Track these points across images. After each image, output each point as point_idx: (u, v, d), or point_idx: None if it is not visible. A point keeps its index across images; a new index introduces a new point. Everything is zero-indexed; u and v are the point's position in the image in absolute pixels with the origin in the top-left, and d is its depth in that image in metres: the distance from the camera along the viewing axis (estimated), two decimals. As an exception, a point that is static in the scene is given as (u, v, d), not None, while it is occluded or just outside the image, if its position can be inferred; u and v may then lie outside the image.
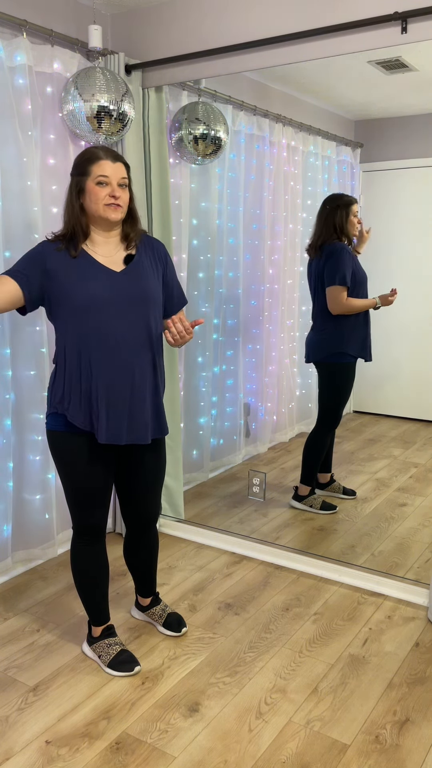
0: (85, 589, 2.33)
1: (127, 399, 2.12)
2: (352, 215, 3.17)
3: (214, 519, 3.43)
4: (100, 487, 2.22)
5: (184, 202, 3.49)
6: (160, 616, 2.56)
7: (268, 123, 3.51)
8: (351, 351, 3.24)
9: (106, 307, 2.07)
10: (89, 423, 2.12)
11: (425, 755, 1.95)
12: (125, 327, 2.09)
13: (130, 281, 2.12)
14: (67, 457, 2.17)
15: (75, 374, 2.11)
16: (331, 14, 2.58)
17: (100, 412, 2.10)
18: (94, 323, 2.07)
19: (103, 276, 2.10)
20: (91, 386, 2.10)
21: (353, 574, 2.89)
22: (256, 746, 1.99)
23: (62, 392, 2.12)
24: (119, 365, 2.10)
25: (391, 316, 3.50)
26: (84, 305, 2.06)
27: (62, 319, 2.10)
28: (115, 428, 2.12)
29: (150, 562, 2.50)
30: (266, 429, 3.94)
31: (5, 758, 1.95)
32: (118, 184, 2.09)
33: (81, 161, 2.11)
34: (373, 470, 3.73)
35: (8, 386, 2.83)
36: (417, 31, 2.42)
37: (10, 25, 2.73)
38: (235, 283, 3.76)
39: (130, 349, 2.11)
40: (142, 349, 2.13)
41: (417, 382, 3.56)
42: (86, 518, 2.25)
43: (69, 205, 2.14)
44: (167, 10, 2.98)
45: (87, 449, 2.17)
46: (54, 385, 2.15)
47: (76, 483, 2.19)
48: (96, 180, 2.07)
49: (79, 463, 2.17)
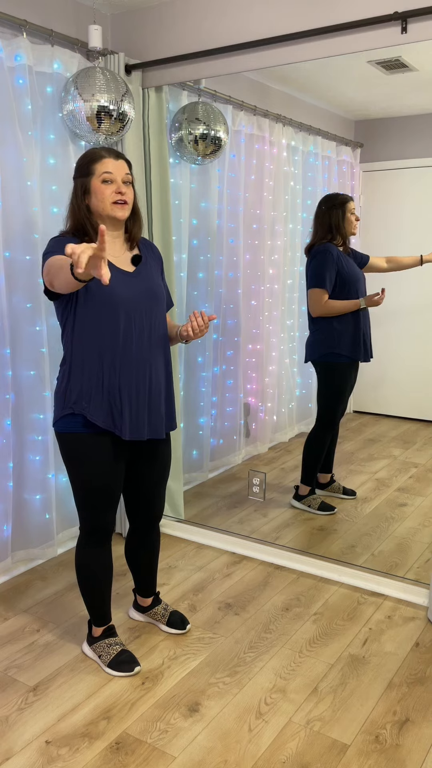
0: (91, 590, 2.33)
1: (146, 395, 2.16)
2: (349, 213, 3.17)
3: (214, 519, 3.43)
4: (115, 487, 2.22)
5: (184, 202, 3.48)
6: (163, 615, 2.57)
7: (268, 123, 3.51)
8: (343, 351, 3.23)
9: (126, 307, 2.09)
10: (111, 422, 2.12)
11: (425, 755, 1.95)
12: (142, 325, 2.13)
13: (142, 281, 2.16)
14: (84, 459, 2.15)
15: (95, 373, 2.10)
16: (331, 14, 2.58)
17: (123, 409, 2.11)
18: (115, 322, 2.08)
19: (119, 276, 2.12)
20: (113, 385, 2.10)
21: (353, 574, 2.89)
22: (256, 746, 1.99)
23: (79, 392, 2.11)
24: (139, 363, 2.13)
25: (391, 316, 3.50)
26: (107, 305, 2.07)
27: (81, 319, 2.09)
28: (137, 425, 2.14)
29: (152, 560, 2.51)
30: (266, 429, 3.94)
31: (5, 758, 1.95)
32: (122, 181, 2.11)
33: (83, 162, 2.12)
34: (373, 470, 3.73)
35: (8, 386, 2.83)
36: (417, 31, 2.42)
37: (10, 25, 2.73)
38: (235, 283, 3.76)
39: (148, 347, 2.15)
40: (158, 347, 2.18)
41: (417, 382, 3.56)
42: (99, 520, 2.24)
43: (75, 208, 2.14)
44: (167, 10, 2.98)
45: (105, 449, 2.16)
46: (68, 385, 2.13)
47: (93, 484, 2.17)
48: (101, 178, 2.08)
49: (97, 465, 2.15)
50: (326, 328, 3.24)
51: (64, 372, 2.15)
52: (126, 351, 2.11)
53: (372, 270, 3.28)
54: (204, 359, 3.73)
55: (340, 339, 3.23)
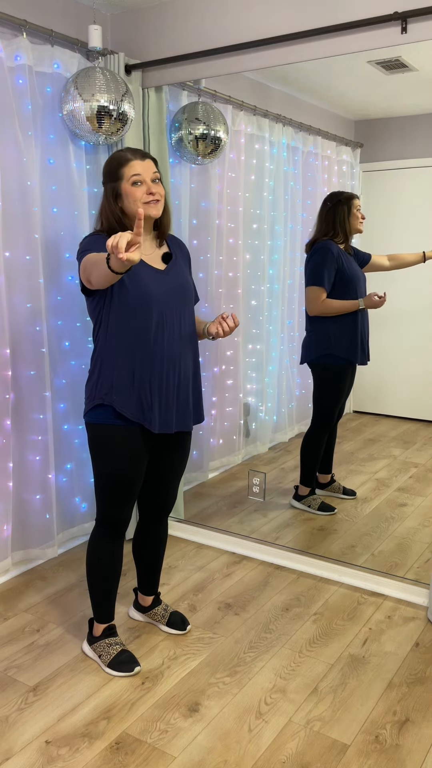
0: (100, 583, 2.35)
1: (175, 389, 2.21)
2: (355, 210, 3.15)
3: (214, 519, 3.43)
4: (138, 480, 2.27)
5: (184, 202, 3.48)
6: (163, 615, 2.57)
7: (268, 123, 3.51)
8: (339, 353, 3.20)
9: (159, 304, 2.14)
10: (141, 414, 2.16)
11: (425, 755, 1.95)
12: (174, 322, 2.19)
13: (174, 279, 2.21)
14: (112, 450, 2.19)
15: (126, 368, 2.14)
16: (331, 14, 2.58)
17: (153, 403, 2.16)
18: (147, 319, 2.13)
19: (153, 274, 2.17)
20: (143, 379, 2.15)
21: (353, 574, 2.89)
22: (256, 746, 1.99)
23: (110, 385, 2.15)
24: (170, 358, 2.18)
25: (391, 317, 3.50)
26: (141, 302, 2.12)
27: (115, 315, 2.13)
28: (166, 418, 2.20)
29: (158, 555, 2.54)
30: (266, 429, 3.94)
31: (5, 758, 1.95)
32: (151, 180, 2.14)
33: (111, 167, 2.16)
34: (373, 470, 3.73)
35: (8, 386, 2.83)
36: (417, 31, 2.42)
37: (10, 25, 2.73)
38: (235, 283, 3.76)
39: (179, 343, 2.20)
40: (187, 342, 2.24)
41: (417, 382, 3.56)
42: (119, 511, 2.28)
43: (107, 212, 2.18)
44: (167, 10, 2.98)
45: (133, 441, 2.20)
46: (100, 378, 2.17)
47: (118, 476, 2.22)
48: (131, 181, 2.12)
49: (123, 456, 2.20)
50: (323, 329, 3.21)
51: (95, 365, 2.19)
52: (157, 346, 2.15)
53: (374, 269, 3.26)
54: (204, 359, 3.73)
55: (337, 340, 3.19)
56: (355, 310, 3.15)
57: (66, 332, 3.09)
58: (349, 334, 3.19)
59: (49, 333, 3.00)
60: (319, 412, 3.34)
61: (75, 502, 3.25)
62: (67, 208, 2.99)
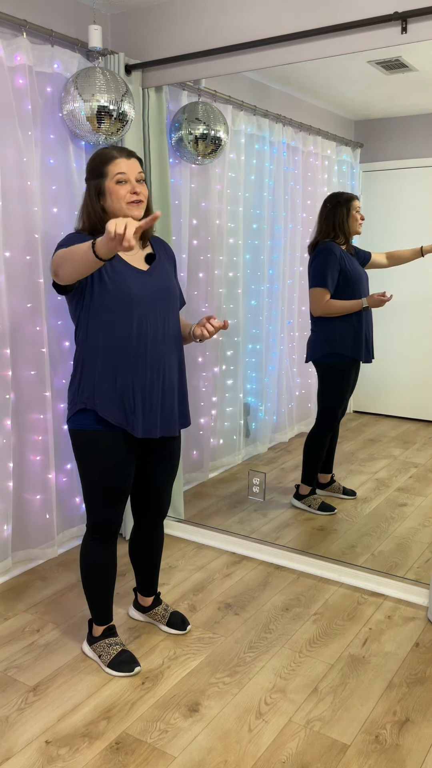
0: (95, 588, 2.34)
1: (160, 393, 2.17)
2: (354, 211, 3.16)
3: (214, 519, 3.43)
4: (125, 485, 2.23)
5: (184, 202, 3.48)
6: (163, 615, 2.57)
7: (268, 123, 3.50)
8: (344, 351, 3.22)
9: (141, 306, 2.11)
10: (123, 419, 2.13)
11: (425, 755, 1.95)
12: (158, 324, 2.15)
13: (157, 280, 2.17)
14: (96, 456, 2.16)
15: (108, 371, 2.11)
16: (330, 14, 2.58)
17: (136, 407, 2.13)
18: (131, 321, 2.09)
19: (136, 275, 2.13)
20: (126, 383, 2.11)
21: (353, 574, 2.89)
22: (256, 746, 1.99)
23: (92, 388, 2.11)
24: (153, 361, 2.14)
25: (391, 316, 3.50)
26: (122, 303, 2.08)
27: (96, 316, 2.09)
28: (150, 423, 2.16)
29: (156, 559, 2.52)
30: (266, 429, 3.94)
31: (5, 758, 1.95)
32: (135, 179, 2.11)
33: (96, 164, 2.12)
34: (373, 470, 3.73)
35: (8, 386, 2.83)
36: (417, 31, 2.42)
37: (10, 25, 2.73)
38: (235, 283, 3.76)
39: (163, 346, 2.16)
40: (172, 345, 2.20)
41: (417, 383, 3.56)
42: (108, 517, 2.25)
43: (89, 210, 2.14)
44: (167, 10, 2.98)
45: (117, 447, 2.16)
46: (81, 382, 2.14)
47: (104, 481, 2.18)
48: (115, 179, 2.09)
49: (108, 462, 2.16)
50: (328, 328, 3.23)
51: (77, 368, 2.16)
52: (140, 349, 2.12)
53: (374, 266, 3.27)
54: (204, 359, 3.73)
55: (342, 339, 3.22)
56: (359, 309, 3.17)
57: (66, 332, 3.09)
58: (354, 333, 3.21)
59: (49, 333, 3.00)
60: (322, 411, 3.35)
61: (75, 502, 3.25)
62: (67, 208, 2.99)
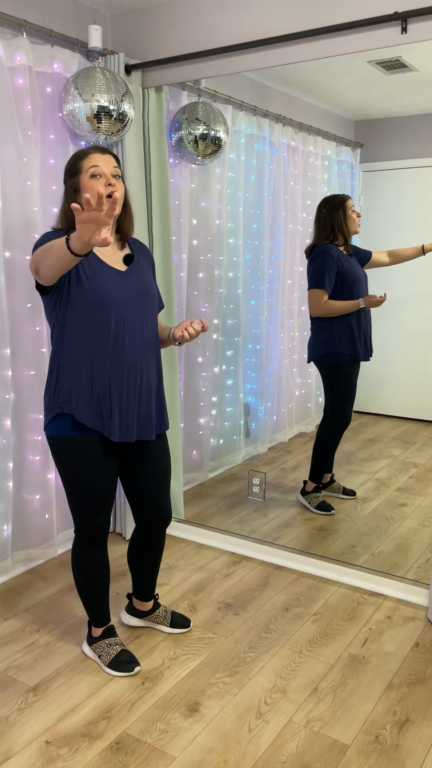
0: (88, 591, 2.32)
1: (137, 397, 2.14)
2: (350, 211, 3.18)
3: (214, 519, 3.43)
4: (108, 489, 2.19)
5: (184, 202, 3.48)
6: (165, 617, 2.55)
7: (268, 123, 3.51)
8: (343, 350, 3.25)
9: (119, 307, 2.08)
10: (100, 422, 2.10)
11: (425, 755, 1.95)
12: (136, 326, 2.12)
13: (135, 281, 2.15)
14: (75, 463, 2.12)
15: (85, 374, 2.08)
16: (330, 14, 2.58)
17: (113, 410, 2.09)
18: (108, 322, 2.07)
19: (113, 275, 2.10)
20: (103, 385, 2.08)
21: (353, 574, 2.89)
22: (256, 746, 1.99)
23: (68, 392, 2.08)
24: (130, 364, 2.11)
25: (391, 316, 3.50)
26: (99, 304, 2.05)
27: (73, 316, 2.06)
28: (126, 426, 2.13)
29: (155, 565, 2.47)
30: (266, 429, 3.94)
31: (5, 758, 1.95)
32: (111, 174, 2.09)
33: (71, 163, 2.11)
34: (373, 470, 3.73)
35: (8, 386, 2.83)
36: (417, 31, 2.42)
37: (10, 25, 2.73)
38: (235, 283, 3.76)
39: (140, 348, 2.13)
40: (149, 347, 2.17)
41: (417, 383, 3.56)
42: (93, 522, 2.22)
43: (66, 209, 2.12)
44: (167, 10, 2.98)
45: (95, 452, 2.13)
46: (57, 385, 2.10)
47: (84, 488, 2.15)
48: (89, 173, 2.06)
49: (87, 468, 2.13)
50: (327, 328, 3.26)
51: (53, 371, 2.12)
52: (117, 351, 2.09)
53: (375, 266, 3.28)
54: (204, 359, 3.73)
55: (341, 338, 3.24)
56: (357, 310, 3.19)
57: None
58: (351, 332, 3.23)
59: (49, 333, 3.00)
60: (333, 410, 3.37)
61: (75, 502, 3.25)
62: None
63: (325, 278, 3.18)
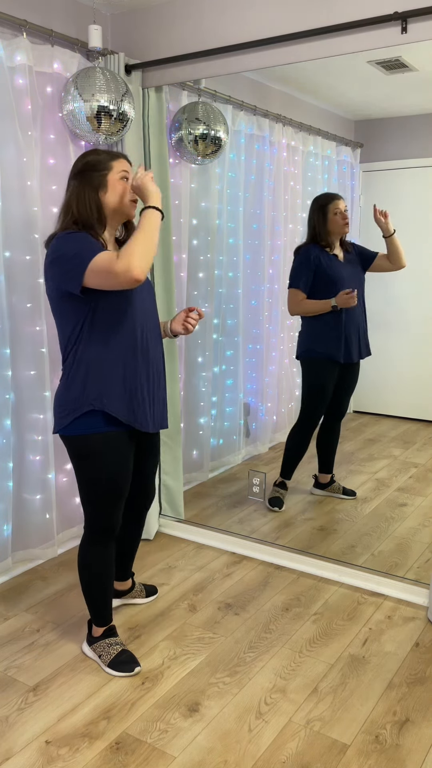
0: (97, 590, 2.34)
1: (156, 388, 2.24)
2: (332, 214, 3.18)
3: (214, 519, 3.43)
4: (128, 481, 2.27)
5: (184, 202, 3.49)
6: (140, 591, 2.73)
7: (268, 123, 3.51)
8: (318, 348, 3.28)
9: (142, 303, 2.17)
10: (132, 416, 2.16)
11: (425, 755, 1.95)
12: (150, 321, 2.21)
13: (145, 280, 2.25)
14: (104, 457, 2.16)
15: (117, 370, 2.12)
16: (330, 14, 2.58)
17: (143, 403, 2.18)
18: (134, 319, 2.14)
19: None
20: (134, 380, 2.15)
21: (353, 574, 2.89)
22: (256, 746, 1.99)
23: (99, 389, 2.10)
24: (151, 357, 2.21)
25: (391, 316, 3.50)
26: (126, 300, 2.12)
27: (101, 317, 2.09)
28: (154, 417, 2.24)
29: (136, 546, 2.62)
30: (266, 429, 3.94)
31: (5, 758, 1.95)
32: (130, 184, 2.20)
33: (100, 159, 2.13)
34: (373, 470, 3.73)
35: (8, 386, 2.83)
36: (417, 31, 2.42)
37: (10, 25, 2.73)
38: (235, 283, 3.76)
39: (154, 343, 2.23)
40: (159, 342, 2.28)
41: (417, 382, 3.56)
42: (111, 517, 2.27)
43: (84, 203, 2.11)
44: (167, 10, 2.98)
45: (123, 445, 2.20)
46: (86, 383, 2.10)
47: (110, 482, 2.20)
48: (120, 174, 2.14)
49: (116, 462, 2.19)
50: (307, 326, 3.33)
51: (78, 371, 2.12)
52: (142, 347, 2.17)
53: (378, 269, 3.27)
54: (204, 359, 3.73)
55: (317, 337, 3.28)
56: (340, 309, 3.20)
57: (66, 332, 3.09)
58: (330, 332, 3.25)
59: (49, 333, 3.00)
60: (303, 407, 3.40)
61: (75, 502, 3.25)
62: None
63: (301, 278, 3.22)
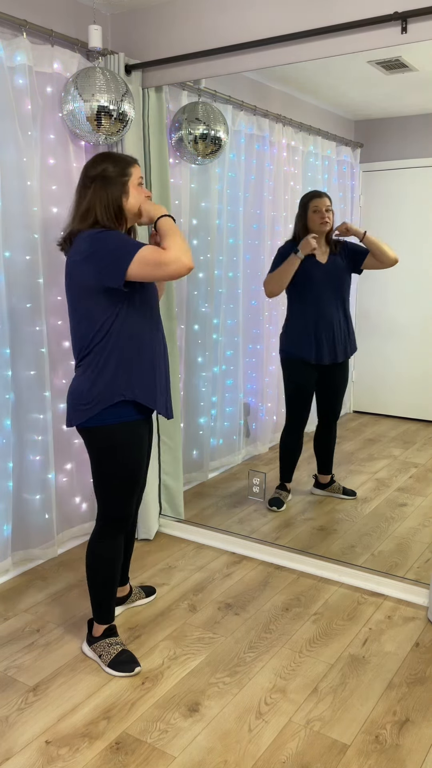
0: (105, 584, 2.36)
1: (166, 378, 2.33)
2: (311, 211, 3.19)
3: (214, 519, 3.43)
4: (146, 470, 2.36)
5: (184, 202, 3.49)
6: (139, 594, 2.74)
7: (268, 123, 3.51)
8: (291, 349, 3.31)
9: (155, 297, 2.29)
10: (161, 405, 2.27)
11: (425, 755, 1.95)
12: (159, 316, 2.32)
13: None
14: (131, 446, 2.24)
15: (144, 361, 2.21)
16: (330, 14, 2.58)
17: (164, 391, 2.29)
18: (153, 310, 2.27)
19: None
20: (157, 370, 2.25)
21: (353, 574, 2.89)
22: (256, 746, 1.99)
23: (128, 380, 2.18)
24: (162, 348, 2.31)
25: (391, 316, 3.50)
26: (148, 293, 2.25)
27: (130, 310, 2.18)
28: (167, 405, 2.33)
29: (131, 548, 2.63)
30: (266, 429, 3.94)
31: (5, 758, 1.95)
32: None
33: (120, 165, 2.19)
34: (373, 470, 3.73)
35: (8, 386, 2.83)
36: (417, 31, 2.42)
37: (10, 25, 2.73)
38: (235, 283, 3.76)
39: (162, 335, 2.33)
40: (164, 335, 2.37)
41: (417, 383, 3.56)
42: (128, 507, 2.33)
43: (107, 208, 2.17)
44: (167, 10, 2.98)
45: (144, 434, 2.29)
46: (115, 375, 2.16)
47: (132, 471, 2.27)
48: (137, 181, 2.23)
49: (140, 450, 2.28)
50: (284, 327, 3.37)
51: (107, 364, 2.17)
52: (160, 337, 2.29)
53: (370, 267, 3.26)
54: (204, 359, 3.73)
55: (290, 338, 3.32)
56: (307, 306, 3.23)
57: (66, 332, 3.09)
58: (301, 332, 3.28)
59: (49, 333, 3.00)
60: (286, 410, 3.41)
61: (75, 502, 3.25)
62: (67, 208, 2.99)
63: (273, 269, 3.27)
